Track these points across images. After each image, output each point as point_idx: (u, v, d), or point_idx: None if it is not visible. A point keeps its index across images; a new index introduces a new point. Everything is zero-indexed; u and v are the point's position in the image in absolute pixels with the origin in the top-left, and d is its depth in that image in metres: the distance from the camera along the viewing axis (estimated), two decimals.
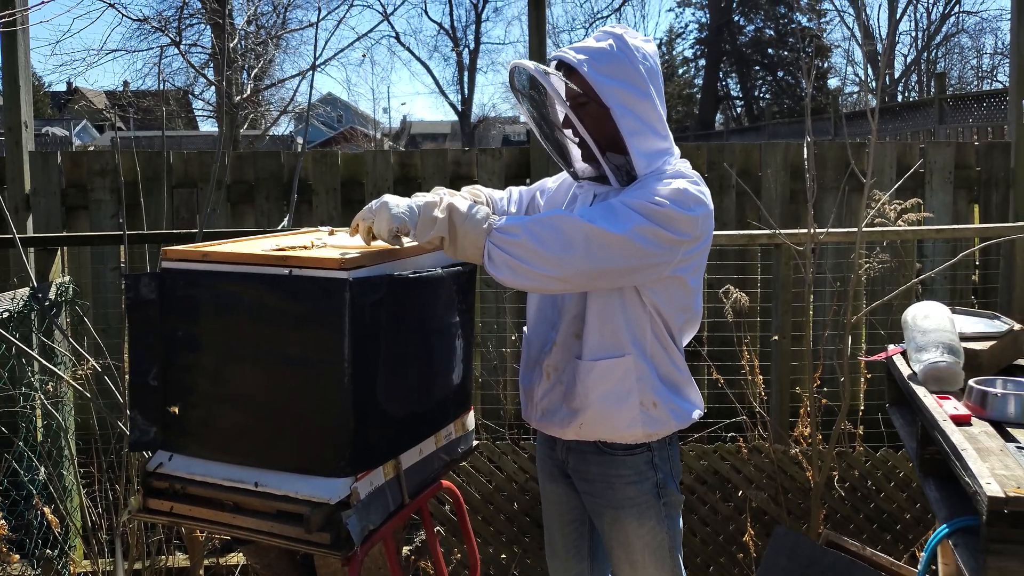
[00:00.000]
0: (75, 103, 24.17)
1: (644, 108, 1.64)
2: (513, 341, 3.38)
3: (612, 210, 1.54)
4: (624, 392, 1.66)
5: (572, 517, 1.87)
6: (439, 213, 1.53)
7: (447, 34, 28.18)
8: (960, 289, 3.50)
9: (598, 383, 1.66)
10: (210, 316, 1.56)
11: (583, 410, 1.69)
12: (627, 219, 1.51)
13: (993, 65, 23.53)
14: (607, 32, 1.68)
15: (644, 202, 1.54)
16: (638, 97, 1.63)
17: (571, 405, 1.70)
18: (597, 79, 1.61)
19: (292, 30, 13.60)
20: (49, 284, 2.84)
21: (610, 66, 1.62)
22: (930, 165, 3.52)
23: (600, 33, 1.69)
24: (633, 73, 1.63)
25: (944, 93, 11.20)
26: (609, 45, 1.64)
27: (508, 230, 1.51)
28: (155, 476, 1.59)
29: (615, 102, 1.61)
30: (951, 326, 2.03)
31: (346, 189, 3.51)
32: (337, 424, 1.48)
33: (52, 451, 2.75)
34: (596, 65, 1.62)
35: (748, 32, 26.69)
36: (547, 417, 1.76)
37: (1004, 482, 1.36)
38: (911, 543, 2.86)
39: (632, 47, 1.65)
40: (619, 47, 1.64)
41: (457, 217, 1.53)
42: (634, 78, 1.63)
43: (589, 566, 1.90)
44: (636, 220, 1.51)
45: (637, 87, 1.63)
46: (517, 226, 1.51)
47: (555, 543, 1.91)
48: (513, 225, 1.52)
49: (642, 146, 1.63)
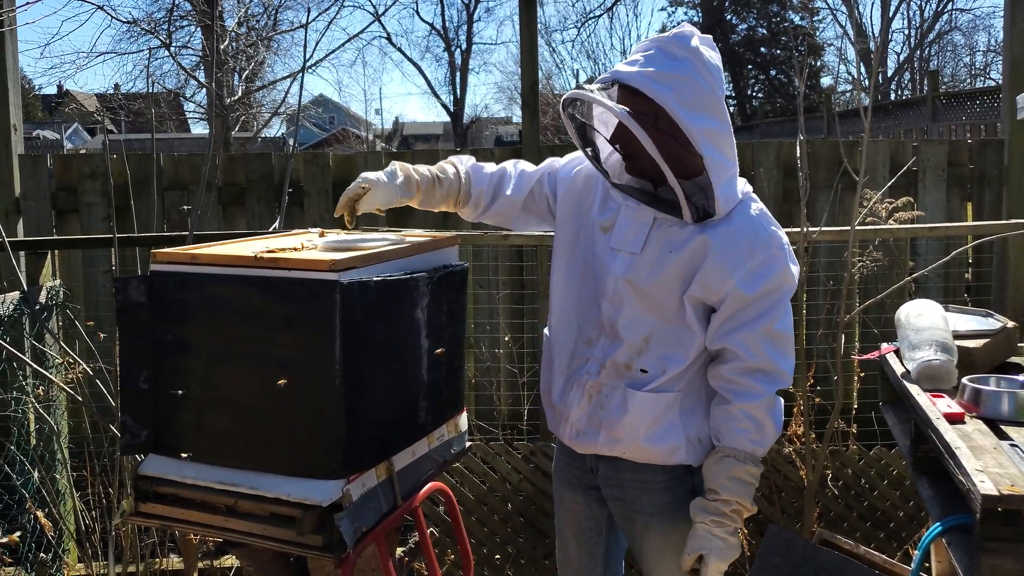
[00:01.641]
0: (65, 106, 24.06)
1: (724, 141, 1.54)
2: (506, 342, 3.37)
3: (786, 354, 1.61)
4: (670, 427, 1.63)
5: (589, 526, 1.82)
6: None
7: (439, 34, 28.15)
8: (953, 287, 3.50)
9: (646, 416, 1.62)
10: (200, 319, 1.55)
11: (625, 441, 1.65)
12: (792, 355, 1.63)
13: (986, 63, 23.65)
14: (678, 46, 1.51)
15: (791, 334, 1.62)
16: (720, 131, 1.53)
17: (613, 434, 1.65)
18: (689, 122, 1.48)
19: (283, 31, 13.58)
20: (40, 287, 2.82)
21: (695, 99, 1.49)
22: (923, 163, 3.53)
23: (669, 45, 1.52)
24: (715, 102, 1.52)
25: (937, 91, 11.23)
26: (689, 69, 1.50)
27: (755, 457, 1.60)
28: (147, 480, 1.58)
29: (705, 147, 1.49)
30: (945, 324, 2.03)
31: (338, 191, 3.49)
32: (329, 426, 1.47)
33: (45, 455, 2.73)
34: (682, 101, 1.48)
35: (740, 31, 26.73)
36: (581, 438, 1.70)
37: (998, 480, 1.36)
38: (904, 541, 2.86)
39: (708, 66, 1.51)
40: (700, 72, 1.50)
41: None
42: (716, 108, 1.52)
43: (602, 572, 1.85)
44: (792, 355, 1.63)
45: (719, 119, 1.53)
46: (761, 449, 1.61)
47: (568, 550, 1.86)
48: (757, 451, 1.61)
49: (722, 182, 1.54)
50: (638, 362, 1.62)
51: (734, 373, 1.59)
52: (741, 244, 1.56)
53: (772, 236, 1.59)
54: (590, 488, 1.78)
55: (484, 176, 1.83)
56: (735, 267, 1.55)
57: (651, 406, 1.62)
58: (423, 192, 1.78)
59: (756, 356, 1.57)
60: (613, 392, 1.65)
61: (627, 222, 1.64)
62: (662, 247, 1.60)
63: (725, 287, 1.56)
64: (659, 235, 1.61)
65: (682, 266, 1.58)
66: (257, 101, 13.65)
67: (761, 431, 1.59)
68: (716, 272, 1.56)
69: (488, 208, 1.84)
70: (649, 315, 1.62)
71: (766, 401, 1.58)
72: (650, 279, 1.60)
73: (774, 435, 1.61)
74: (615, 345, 1.64)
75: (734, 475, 1.56)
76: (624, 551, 1.89)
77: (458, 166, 1.82)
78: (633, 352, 1.63)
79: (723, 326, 1.59)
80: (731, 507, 1.56)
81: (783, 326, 1.59)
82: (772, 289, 1.57)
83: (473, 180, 1.82)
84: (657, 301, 1.61)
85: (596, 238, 1.69)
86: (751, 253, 1.56)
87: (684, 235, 1.59)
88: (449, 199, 1.81)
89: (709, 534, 1.56)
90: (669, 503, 1.67)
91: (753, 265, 1.56)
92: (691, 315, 1.60)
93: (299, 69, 2.61)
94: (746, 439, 1.58)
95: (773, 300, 1.58)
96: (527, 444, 2.97)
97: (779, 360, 1.59)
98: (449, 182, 1.80)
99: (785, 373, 1.60)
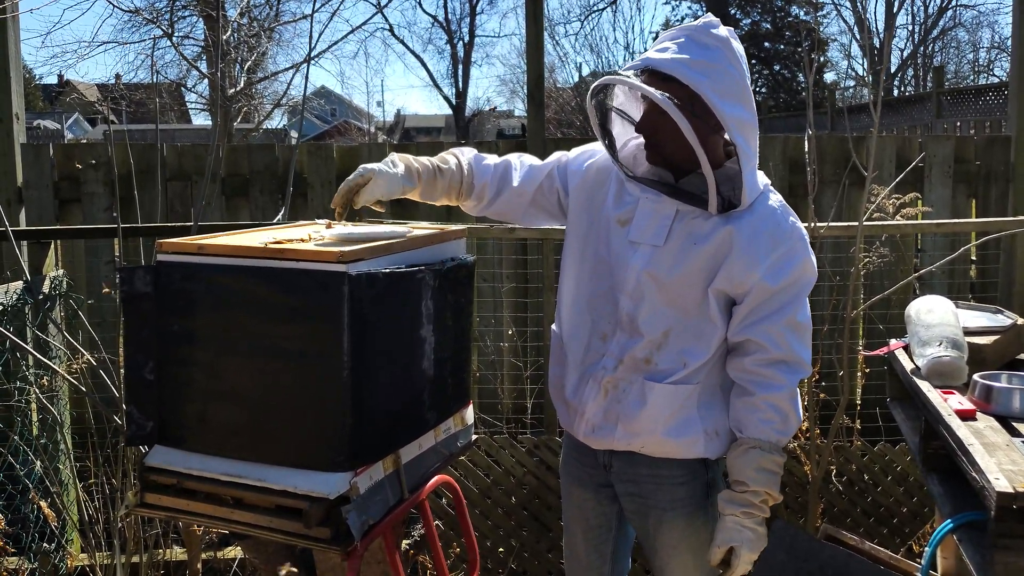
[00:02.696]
0: (66, 96, 24.01)
1: (751, 131, 1.53)
2: (510, 335, 3.36)
3: (807, 344, 1.61)
4: (688, 420, 1.62)
5: (599, 523, 1.81)
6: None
7: (441, 27, 28.07)
8: (958, 284, 3.49)
9: (665, 409, 1.61)
10: (206, 310, 1.53)
11: (644, 434, 1.63)
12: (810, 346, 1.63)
13: (990, 59, 23.58)
14: (710, 35, 1.50)
15: (810, 324, 1.61)
16: (748, 121, 1.52)
17: (631, 428, 1.64)
18: (723, 108, 1.47)
19: (285, 22, 13.52)
20: (43, 278, 2.81)
21: (727, 86, 1.48)
22: (930, 159, 3.51)
23: (699, 34, 1.50)
24: (746, 91, 1.51)
25: (942, 87, 11.20)
26: (720, 58, 1.49)
27: (780, 447, 1.60)
28: (152, 471, 1.57)
29: (737, 135, 1.49)
30: (955, 320, 2.02)
31: (342, 182, 3.47)
32: (336, 418, 1.46)
33: (48, 445, 2.72)
34: (716, 88, 1.47)
35: (745, 26, 26.62)
36: (597, 433, 1.68)
37: (1012, 477, 1.35)
38: (907, 537, 2.86)
39: (739, 55, 1.51)
40: (730, 59, 1.50)
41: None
42: (746, 97, 1.51)
43: (610, 568, 1.84)
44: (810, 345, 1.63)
45: (749, 108, 1.52)
46: (785, 439, 1.61)
47: (576, 546, 1.85)
48: (782, 440, 1.60)
49: (749, 172, 1.53)
50: (657, 356, 1.61)
51: (757, 365, 1.58)
52: (764, 236, 1.55)
53: (793, 228, 1.59)
54: (601, 485, 1.77)
55: (487, 168, 1.79)
56: (760, 259, 1.55)
57: (671, 399, 1.61)
58: (424, 183, 1.73)
59: (780, 347, 1.56)
60: (631, 386, 1.63)
61: (647, 215, 1.61)
62: (685, 239, 1.58)
63: (750, 280, 1.55)
64: (682, 227, 1.59)
65: (707, 259, 1.57)
66: (259, 92, 13.59)
67: (786, 421, 1.59)
68: (741, 264, 1.55)
69: (493, 201, 1.79)
70: (670, 309, 1.60)
71: (789, 392, 1.58)
72: (673, 272, 1.59)
73: (796, 424, 1.61)
74: (634, 340, 1.63)
75: (762, 466, 1.56)
76: (631, 546, 1.89)
77: (460, 157, 1.78)
78: (653, 347, 1.61)
79: (747, 318, 1.58)
80: (760, 498, 1.57)
81: (804, 317, 1.60)
82: (794, 280, 1.57)
83: (476, 172, 1.77)
84: (679, 294, 1.60)
85: (612, 232, 1.66)
86: (774, 245, 1.56)
87: (708, 227, 1.57)
88: (451, 191, 1.77)
89: (740, 525, 1.56)
90: (684, 498, 1.66)
91: (776, 257, 1.55)
92: (714, 308, 1.59)
93: (302, 60, 2.62)
94: (771, 430, 1.58)
95: (795, 291, 1.58)
96: (531, 438, 2.96)
97: (801, 351, 1.59)
98: (451, 173, 1.76)
99: (806, 363, 1.60)
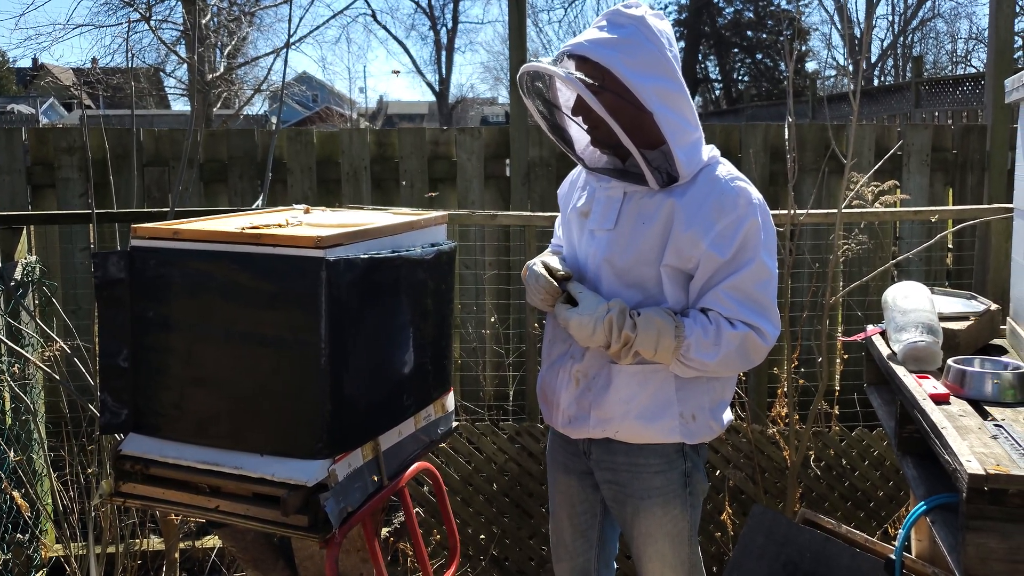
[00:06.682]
0: (41, 79, 23.56)
1: (680, 102, 1.53)
2: (492, 323, 3.35)
3: (766, 311, 1.56)
4: (663, 403, 1.61)
5: (584, 508, 1.82)
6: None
7: (424, 13, 27.86)
8: (934, 271, 3.53)
9: (636, 392, 1.60)
10: (182, 296, 1.52)
11: (616, 419, 1.62)
12: (774, 316, 1.57)
13: (967, 50, 23.81)
14: (624, 15, 1.54)
15: (770, 293, 1.57)
16: (673, 91, 1.52)
17: (602, 414, 1.63)
18: (635, 80, 1.48)
19: (266, 7, 13.29)
20: (15, 264, 2.76)
21: (642, 59, 1.50)
22: (908, 148, 3.54)
23: (616, 15, 1.55)
24: (665, 63, 1.52)
25: (920, 77, 11.28)
26: (634, 33, 1.51)
27: (700, 364, 1.55)
28: (127, 459, 1.55)
29: (656, 104, 1.49)
30: (931, 306, 2.04)
31: (322, 168, 3.44)
32: (314, 405, 1.45)
33: (21, 434, 2.68)
34: (628, 61, 1.49)
35: (727, 14, 26.66)
36: (574, 424, 1.69)
37: (984, 460, 1.37)
38: (883, 520, 2.90)
39: (656, 31, 1.53)
40: (646, 35, 1.51)
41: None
42: (667, 69, 1.52)
43: (596, 554, 1.85)
44: (775, 315, 1.58)
45: (671, 79, 1.52)
46: (710, 362, 1.55)
47: (563, 532, 1.85)
48: (706, 362, 1.55)
49: (683, 144, 1.53)
50: None
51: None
52: (708, 207, 1.54)
53: (740, 193, 1.55)
54: (585, 473, 1.78)
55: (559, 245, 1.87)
56: (705, 230, 1.53)
57: (641, 382, 1.61)
58: None
59: (739, 317, 1.54)
60: (599, 372, 1.64)
61: (601, 202, 1.66)
62: (635, 220, 1.60)
63: (697, 251, 1.54)
64: (630, 208, 1.61)
65: (656, 236, 1.58)
66: (239, 78, 13.41)
67: (715, 344, 1.53)
68: (686, 237, 1.55)
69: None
70: (629, 291, 1.62)
71: (739, 334, 1.53)
72: (627, 254, 1.60)
73: (716, 361, 1.54)
74: None
75: (657, 324, 1.53)
76: (619, 531, 1.90)
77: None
78: None
79: (702, 290, 1.57)
80: (626, 330, 1.53)
81: (761, 286, 1.55)
82: (743, 246, 1.54)
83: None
84: (637, 276, 1.61)
85: (577, 225, 1.72)
86: (720, 215, 1.54)
87: (654, 205, 1.58)
88: None
89: (599, 313, 1.53)
90: (661, 486, 1.66)
91: (722, 227, 1.53)
92: (668, 286, 1.59)
93: (283, 45, 2.57)
94: (700, 331, 1.53)
95: (747, 257, 1.54)
96: (512, 425, 2.96)
97: (759, 319, 1.55)
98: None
99: (766, 332, 1.55)
